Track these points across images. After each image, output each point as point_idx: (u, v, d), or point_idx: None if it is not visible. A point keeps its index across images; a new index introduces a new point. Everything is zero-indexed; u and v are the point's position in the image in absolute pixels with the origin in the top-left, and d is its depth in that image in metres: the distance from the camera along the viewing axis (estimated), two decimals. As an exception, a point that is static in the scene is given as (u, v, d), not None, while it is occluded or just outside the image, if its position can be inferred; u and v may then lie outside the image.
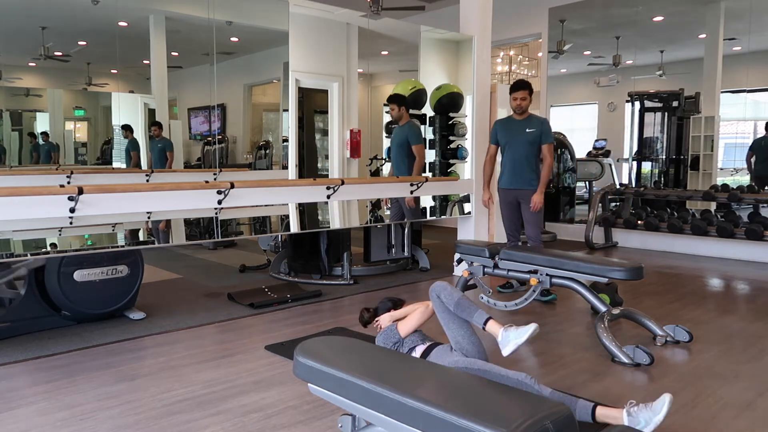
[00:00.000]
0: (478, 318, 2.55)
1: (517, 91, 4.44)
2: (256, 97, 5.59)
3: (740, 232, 5.94)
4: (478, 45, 5.39)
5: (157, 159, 4.59)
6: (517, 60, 10.94)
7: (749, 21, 6.64)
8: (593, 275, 3.45)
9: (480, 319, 2.54)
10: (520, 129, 4.51)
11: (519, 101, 4.44)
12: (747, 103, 6.92)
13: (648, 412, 2.15)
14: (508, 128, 4.60)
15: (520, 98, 4.44)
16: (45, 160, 4.42)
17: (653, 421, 2.13)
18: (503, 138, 4.61)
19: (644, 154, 7.73)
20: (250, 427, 2.35)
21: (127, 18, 4.25)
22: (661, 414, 2.12)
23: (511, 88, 4.51)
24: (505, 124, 4.65)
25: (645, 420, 2.13)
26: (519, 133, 4.51)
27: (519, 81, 4.55)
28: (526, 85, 4.49)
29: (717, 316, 4.07)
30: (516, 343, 2.48)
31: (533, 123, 4.50)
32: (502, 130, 4.63)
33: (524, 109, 4.49)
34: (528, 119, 4.53)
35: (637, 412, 2.16)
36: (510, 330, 2.51)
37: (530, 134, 4.48)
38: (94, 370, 2.99)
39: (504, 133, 4.62)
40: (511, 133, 4.56)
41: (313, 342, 2.03)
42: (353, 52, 5.22)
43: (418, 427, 1.53)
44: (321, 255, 5.21)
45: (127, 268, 3.86)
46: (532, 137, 4.48)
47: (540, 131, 4.48)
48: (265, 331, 3.69)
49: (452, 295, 2.59)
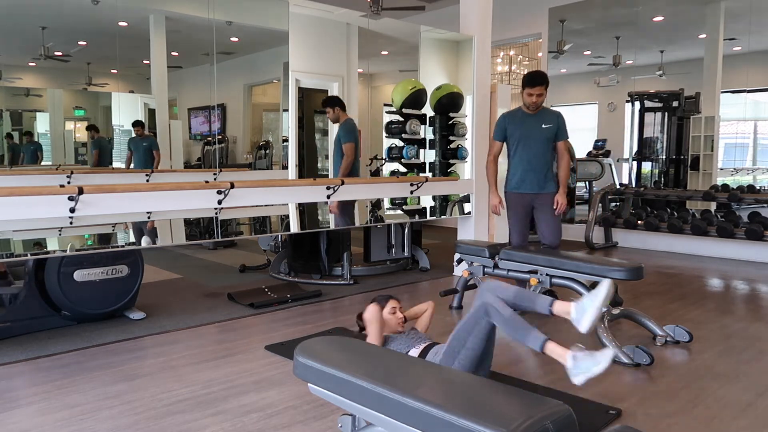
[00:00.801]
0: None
1: (534, 87, 3.98)
2: (256, 97, 5.60)
3: (740, 232, 5.94)
4: (478, 45, 5.39)
5: (144, 159, 4.57)
6: (517, 60, 10.93)
7: (749, 21, 6.64)
8: (593, 275, 3.44)
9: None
10: (534, 125, 4.07)
11: (535, 97, 4.00)
12: (747, 103, 6.92)
13: (591, 361, 2.13)
14: (520, 124, 4.13)
15: (537, 95, 3.99)
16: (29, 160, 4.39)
17: (591, 371, 2.11)
18: (514, 135, 4.15)
19: (644, 154, 7.73)
20: (250, 427, 2.35)
21: (127, 18, 4.25)
22: (600, 366, 2.10)
23: (526, 81, 4.02)
24: (516, 118, 4.17)
25: (586, 367, 2.12)
26: (534, 129, 4.07)
27: (536, 74, 4.07)
28: (544, 79, 4.02)
29: (717, 316, 4.07)
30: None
31: (549, 118, 4.08)
32: (513, 125, 4.16)
33: (539, 106, 4.09)
34: (542, 114, 4.10)
35: (581, 357, 2.15)
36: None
37: (547, 130, 4.05)
38: (94, 370, 2.99)
39: (515, 129, 4.15)
40: (525, 130, 4.11)
41: (313, 342, 2.03)
42: (353, 52, 5.23)
43: (418, 427, 1.53)
44: (321, 255, 5.21)
45: (127, 268, 3.86)
46: (549, 133, 4.06)
47: (557, 126, 4.07)
48: (265, 331, 3.69)
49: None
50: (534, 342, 2.24)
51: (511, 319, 2.29)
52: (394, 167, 5.39)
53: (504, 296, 2.40)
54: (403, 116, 5.25)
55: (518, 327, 2.28)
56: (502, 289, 2.45)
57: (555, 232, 4.19)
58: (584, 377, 2.13)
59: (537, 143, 4.09)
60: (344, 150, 4.91)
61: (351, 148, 4.94)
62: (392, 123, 5.32)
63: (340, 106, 4.95)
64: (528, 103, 4.06)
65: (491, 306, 2.32)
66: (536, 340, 2.24)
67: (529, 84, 4.00)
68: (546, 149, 4.11)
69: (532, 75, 4.06)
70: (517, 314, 2.33)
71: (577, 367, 2.14)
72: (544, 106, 4.16)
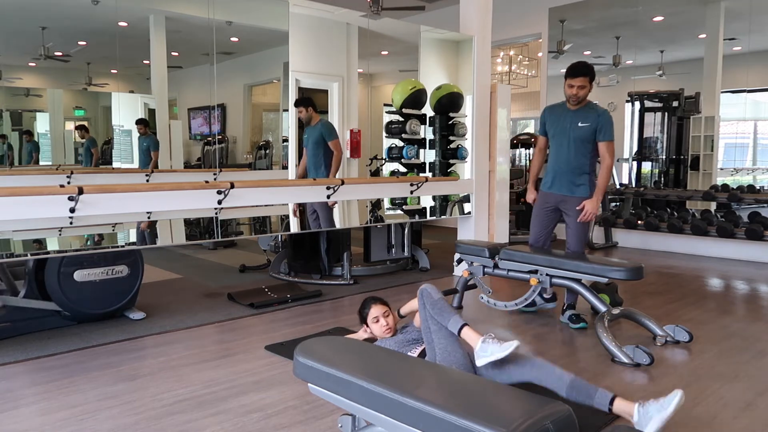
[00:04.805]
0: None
1: (575, 78, 3.61)
2: (256, 97, 5.59)
3: (740, 232, 5.94)
4: (478, 45, 5.39)
5: (145, 158, 4.57)
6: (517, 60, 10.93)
7: (749, 21, 6.64)
8: (593, 275, 3.45)
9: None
10: (570, 121, 3.74)
11: (576, 90, 3.62)
12: (747, 103, 6.92)
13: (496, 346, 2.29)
14: (557, 119, 3.82)
15: (578, 86, 3.62)
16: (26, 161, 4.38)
17: (494, 355, 2.27)
18: (550, 131, 3.88)
19: (644, 154, 7.72)
20: (250, 427, 2.35)
21: (127, 18, 4.25)
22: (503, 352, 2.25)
23: (568, 71, 3.67)
24: (555, 112, 3.87)
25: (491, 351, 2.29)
26: (569, 126, 3.75)
27: (578, 64, 3.68)
28: (588, 70, 3.64)
29: (717, 316, 4.07)
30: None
31: (589, 116, 3.69)
32: (551, 120, 3.88)
33: (581, 99, 3.69)
34: (583, 110, 3.73)
35: (489, 342, 2.31)
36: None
37: (582, 129, 3.69)
38: (94, 370, 2.99)
39: (551, 125, 3.86)
40: (559, 126, 3.79)
41: (313, 342, 2.03)
42: (353, 52, 5.22)
43: (418, 427, 1.53)
44: (321, 255, 5.21)
45: (127, 268, 3.86)
46: (584, 133, 3.69)
47: (595, 126, 3.66)
48: (265, 331, 3.69)
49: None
50: (453, 326, 2.43)
51: (438, 302, 2.49)
52: (394, 167, 5.38)
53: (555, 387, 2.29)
54: (403, 116, 5.25)
55: (443, 310, 2.47)
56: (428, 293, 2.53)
57: (577, 241, 3.85)
58: (486, 359, 2.31)
59: (570, 142, 3.75)
60: (333, 147, 4.86)
61: (339, 144, 4.95)
62: (392, 123, 5.32)
63: (313, 107, 4.93)
64: (568, 95, 3.70)
65: (425, 290, 2.53)
66: (455, 323, 2.43)
67: (571, 74, 3.64)
68: (580, 150, 3.74)
69: (574, 64, 3.69)
70: (443, 298, 2.52)
71: (483, 350, 2.33)
72: (590, 102, 3.79)
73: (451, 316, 2.45)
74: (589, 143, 3.73)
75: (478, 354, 2.34)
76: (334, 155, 4.91)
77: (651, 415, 2.10)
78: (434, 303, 2.48)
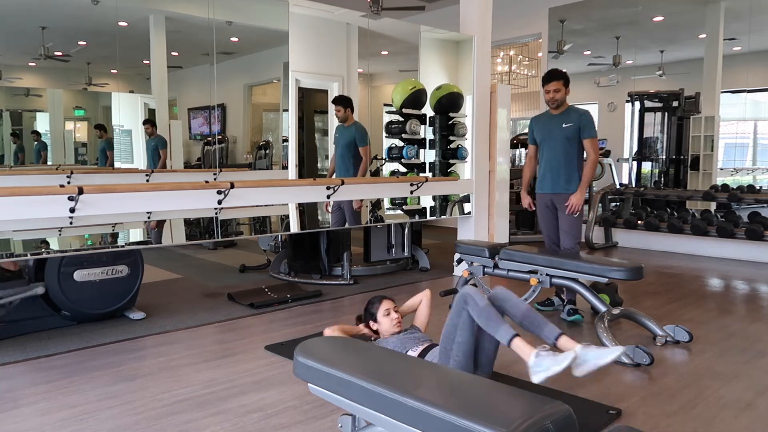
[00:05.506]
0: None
1: (549, 83, 3.94)
2: (256, 97, 5.60)
3: (740, 232, 5.94)
4: (478, 45, 5.39)
5: (153, 158, 4.58)
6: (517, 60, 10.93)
7: (749, 21, 6.64)
8: (593, 275, 3.45)
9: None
10: (555, 125, 4.02)
11: (552, 94, 3.93)
12: (747, 103, 6.92)
13: (551, 360, 2.19)
14: (543, 125, 4.13)
15: (553, 90, 3.92)
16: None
17: (550, 370, 2.18)
18: (538, 136, 4.16)
19: (644, 154, 7.73)
20: (250, 427, 2.35)
21: (127, 18, 4.25)
22: (560, 366, 2.17)
23: (543, 80, 4.01)
24: (541, 120, 4.17)
25: (546, 366, 2.19)
26: (554, 129, 4.03)
27: (551, 71, 4.03)
28: (560, 75, 3.95)
29: (717, 316, 4.07)
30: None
31: (571, 117, 3.97)
32: (537, 127, 4.17)
33: (560, 102, 3.96)
34: (565, 113, 4.00)
35: (544, 355, 2.21)
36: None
37: (567, 129, 3.96)
38: (94, 370, 2.99)
39: (539, 131, 4.15)
40: (546, 131, 4.09)
41: (313, 342, 2.03)
42: (353, 52, 5.22)
43: (418, 427, 1.53)
44: (321, 255, 5.21)
45: (127, 268, 3.86)
46: (570, 133, 3.96)
47: (578, 125, 3.94)
48: (265, 331, 3.69)
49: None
50: (503, 336, 2.30)
51: (485, 310, 2.35)
52: (394, 167, 5.38)
53: (512, 312, 2.46)
54: (403, 116, 5.25)
55: (491, 319, 2.34)
56: (513, 302, 2.48)
57: (567, 236, 4.02)
58: (543, 375, 2.19)
59: (557, 143, 4.01)
60: (362, 153, 4.98)
61: (368, 151, 5.04)
62: (392, 123, 5.32)
63: (351, 108, 4.97)
64: (547, 100, 4.01)
65: (469, 296, 2.39)
66: (505, 334, 2.30)
67: (546, 81, 3.98)
68: (566, 149, 3.99)
69: (547, 72, 4.05)
70: (491, 306, 2.39)
71: (538, 365, 2.21)
72: (570, 106, 4.05)
73: (501, 326, 2.32)
74: (574, 141, 3.99)
75: (533, 369, 2.22)
76: (363, 161, 4.97)
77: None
78: (481, 311, 2.35)
